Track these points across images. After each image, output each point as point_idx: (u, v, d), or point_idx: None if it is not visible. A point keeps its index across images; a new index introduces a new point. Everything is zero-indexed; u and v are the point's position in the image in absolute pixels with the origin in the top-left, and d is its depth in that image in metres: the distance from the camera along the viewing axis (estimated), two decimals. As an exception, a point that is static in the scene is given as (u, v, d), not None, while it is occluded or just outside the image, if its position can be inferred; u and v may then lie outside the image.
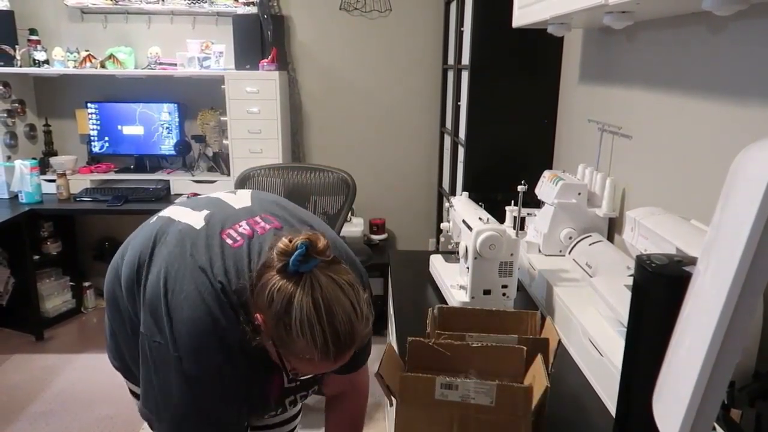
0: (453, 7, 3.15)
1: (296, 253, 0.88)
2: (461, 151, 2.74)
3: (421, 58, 3.57)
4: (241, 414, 1.06)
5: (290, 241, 0.91)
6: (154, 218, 1.16)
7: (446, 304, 1.59)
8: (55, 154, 3.53)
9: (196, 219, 1.09)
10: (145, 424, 2.52)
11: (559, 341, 1.10)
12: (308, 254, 0.89)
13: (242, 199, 1.17)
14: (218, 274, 1.00)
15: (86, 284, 3.62)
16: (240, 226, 1.07)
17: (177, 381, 0.98)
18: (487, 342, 1.03)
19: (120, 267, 1.14)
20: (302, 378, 1.02)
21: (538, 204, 1.96)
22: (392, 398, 0.99)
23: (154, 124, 3.43)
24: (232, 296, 0.99)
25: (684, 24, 1.47)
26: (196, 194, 3.25)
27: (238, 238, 1.05)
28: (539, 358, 0.99)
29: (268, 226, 1.08)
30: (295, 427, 1.48)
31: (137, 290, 1.07)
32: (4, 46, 3.16)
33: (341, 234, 2.32)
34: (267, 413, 1.19)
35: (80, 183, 3.34)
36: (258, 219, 1.10)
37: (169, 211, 1.16)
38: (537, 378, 0.97)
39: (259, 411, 1.17)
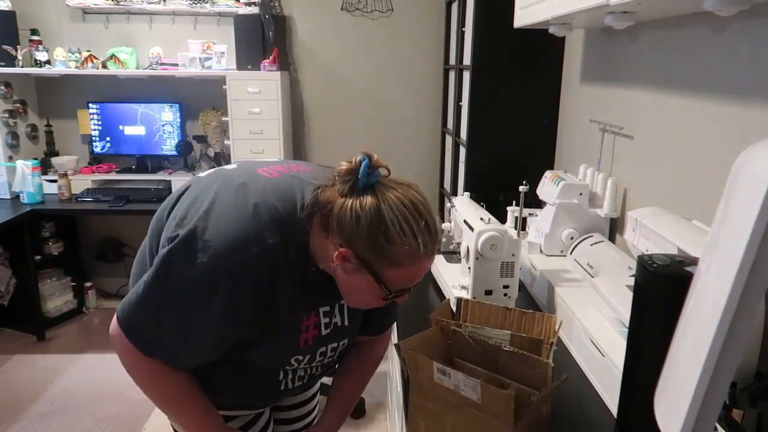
0: (454, 7, 3.15)
1: (363, 165, 0.92)
2: (462, 151, 2.74)
3: (423, 58, 3.57)
4: (217, 341, 1.01)
5: (350, 162, 0.94)
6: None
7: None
8: (57, 155, 3.54)
9: (227, 166, 1.12)
10: (147, 424, 2.53)
11: (552, 343, 1.10)
12: (372, 165, 0.93)
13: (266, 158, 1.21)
14: (253, 194, 0.98)
15: (88, 284, 3.63)
16: (273, 166, 1.09)
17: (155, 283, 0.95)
18: (517, 349, 1.04)
19: (145, 242, 1.13)
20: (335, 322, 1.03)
21: (539, 204, 1.96)
22: (406, 371, 1.04)
23: (155, 125, 3.44)
24: (270, 219, 0.96)
25: (685, 24, 1.47)
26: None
27: (273, 172, 1.05)
28: (550, 370, 1.00)
29: (302, 168, 1.09)
30: (314, 418, 1.48)
31: (165, 222, 1.03)
32: (5, 47, 3.17)
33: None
34: (294, 355, 1.11)
35: (82, 183, 3.35)
36: (291, 164, 1.12)
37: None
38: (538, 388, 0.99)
39: (285, 350, 1.10)
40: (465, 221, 1.58)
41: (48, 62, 3.29)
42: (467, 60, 2.63)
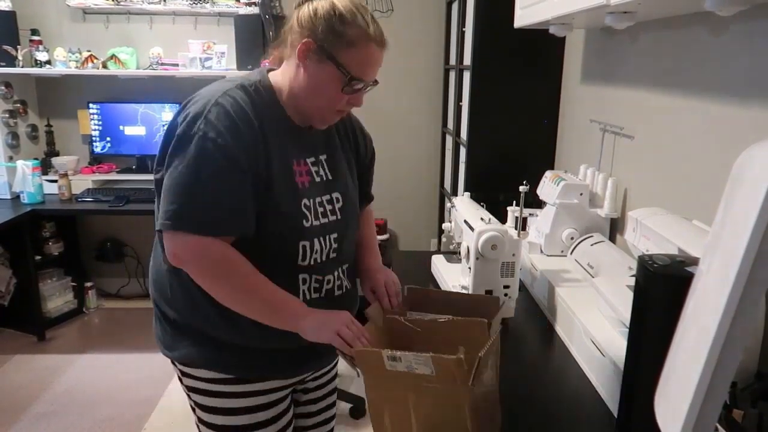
0: (455, 7, 3.15)
1: None
2: (463, 151, 2.74)
3: (423, 58, 3.57)
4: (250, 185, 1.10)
5: None
6: None
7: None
8: (57, 155, 3.54)
9: None
10: (147, 425, 2.53)
11: (491, 324, 1.14)
12: None
13: None
14: (233, 82, 1.15)
15: (88, 284, 3.62)
16: None
17: (193, 150, 1.06)
18: (452, 317, 1.11)
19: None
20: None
21: (539, 204, 1.96)
22: (357, 370, 1.07)
23: (155, 125, 3.44)
24: (257, 88, 1.15)
25: (686, 24, 1.47)
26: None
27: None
28: (490, 330, 1.06)
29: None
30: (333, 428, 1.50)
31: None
32: (6, 47, 3.17)
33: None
34: (300, 195, 1.18)
35: (82, 183, 3.35)
36: None
37: None
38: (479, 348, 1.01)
39: (290, 199, 1.17)
40: (465, 221, 1.58)
41: (48, 62, 3.29)
42: (467, 60, 2.63)
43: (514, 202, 1.70)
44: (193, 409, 1.27)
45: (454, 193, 3.01)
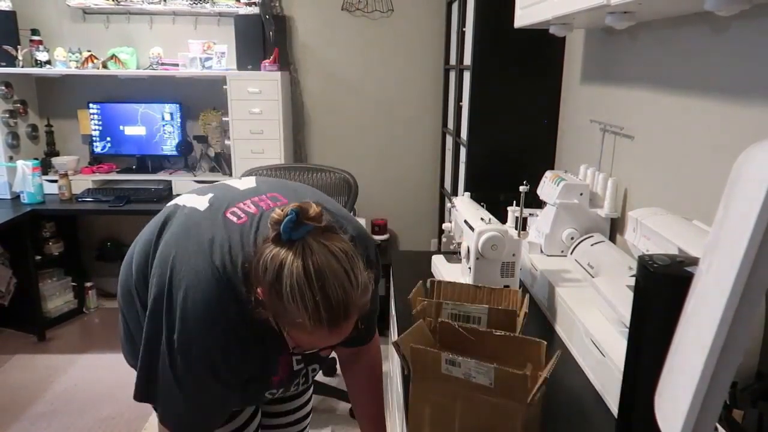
0: (455, 7, 3.15)
1: (286, 219, 0.89)
2: (463, 151, 2.74)
3: (423, 58, 3.57)
4: (234, 392, 1.07)
5: (282, 210, 0.91)
6: (164, 208, 1.17)
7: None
8: (57, 155, 3.54)
9: (200, 202, 1.10)
10: (147, 424, 2.53)
11: (527, 314, 1.20)
12: (299, 221, 0.89)
13: (247, 182, 1.18)
14: (218, 252, 0.99)
15: (88, 284, 3.63)
16: (245, 205, 1.07)
17: (171, 369, 1.00)
18: (507, 333, 1.08)
19: (132, 260, 1.16)
20: (306, 353, 1.02)
21: (540, 204, 1.96)
22: (407, 367, 1.05)
23: (156, 125, 3.44)
24: (234, 275, 0.98)
25: (686, 24, 1.47)
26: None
27: (243, 215, 1.05)
28: (556, 353, 1.02)
29: (272, 204, 1.07)
30: (306, 427, 1.49)
31: (149, 278, 1.07)
32: (6, 47, 3.17)
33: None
34: (269, 390, 1.17)
35: (82, 183, 3.35)
36: (263, 197, 1.10)
37: (177, 199, 1.17)
38: (541, 369, 1.01)
39: (260, 392, 1.16)
40: (465, 221, 1.58)
41: (48, 62, 3.29)
42: (467, 60, 2.63)
43: (514, 202, 1.70)
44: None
45: (454, 193, 3.01)
